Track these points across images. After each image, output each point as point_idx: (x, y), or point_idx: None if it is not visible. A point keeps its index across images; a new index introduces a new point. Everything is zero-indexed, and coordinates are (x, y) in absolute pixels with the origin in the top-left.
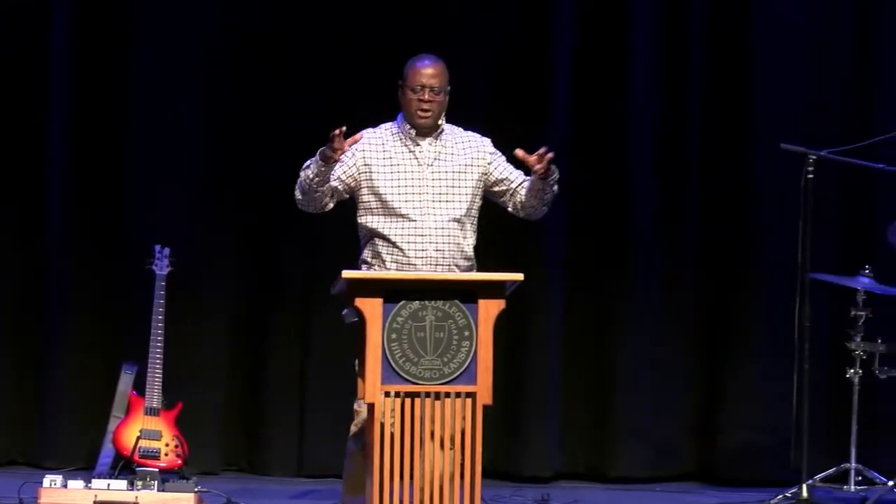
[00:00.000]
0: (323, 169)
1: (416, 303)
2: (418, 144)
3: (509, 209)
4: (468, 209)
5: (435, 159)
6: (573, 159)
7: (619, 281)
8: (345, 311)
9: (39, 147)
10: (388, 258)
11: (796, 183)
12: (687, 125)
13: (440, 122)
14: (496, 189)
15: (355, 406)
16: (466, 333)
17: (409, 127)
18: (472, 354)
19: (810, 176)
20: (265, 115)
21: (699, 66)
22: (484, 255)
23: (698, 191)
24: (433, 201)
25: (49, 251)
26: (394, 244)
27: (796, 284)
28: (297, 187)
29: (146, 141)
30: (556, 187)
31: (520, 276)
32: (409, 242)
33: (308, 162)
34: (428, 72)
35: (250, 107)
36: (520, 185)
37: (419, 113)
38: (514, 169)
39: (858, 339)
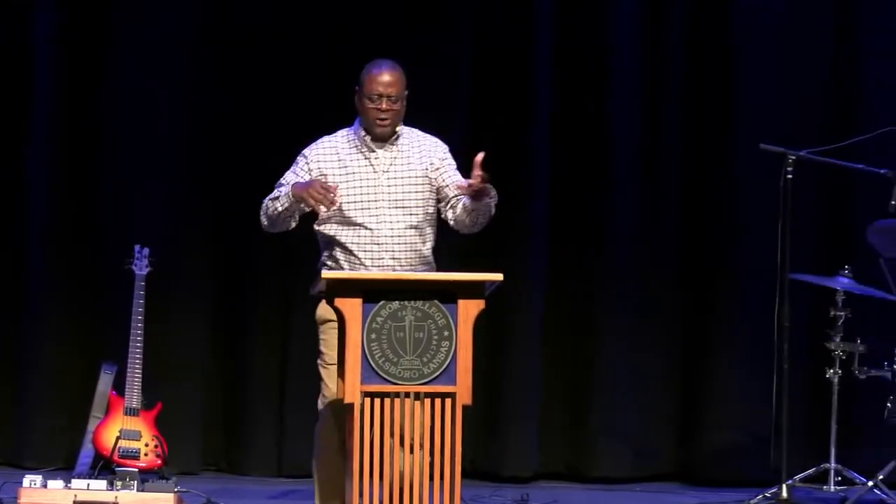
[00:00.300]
0: (294, 206)
1: (396, 303)
2: (374, 151)
3: (447, 218)
4: (426, 214)
5: (390, 166)
6: (554, 160)
7: (598, 281)
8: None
9: (18, 147)
10: (345, 265)
11: (776, 183)
12: (666, 126)
13: (398, 128)
14: (437, 196)
15: (320, 403)
16: (446, 333)
17: (364, 133)
18: (451, 355)
19: (789, 176)
20: (242, 115)
21: (678, 68)
22: (464, 256)
23: (678, 191)
24: (389, 209)
25: (27, 251)
26: (350, 252)
27: (775, 285)
28: (262, 215)
29: (124, 141)
30: (492, 210)
31: (499, 277)
32: (365, 251)
33: (276, 193)
34: (384, 80)
35: (227, 106)
36: (457, 197)
37: (377, 122)
38: (460, 180)
39: (838, 340)
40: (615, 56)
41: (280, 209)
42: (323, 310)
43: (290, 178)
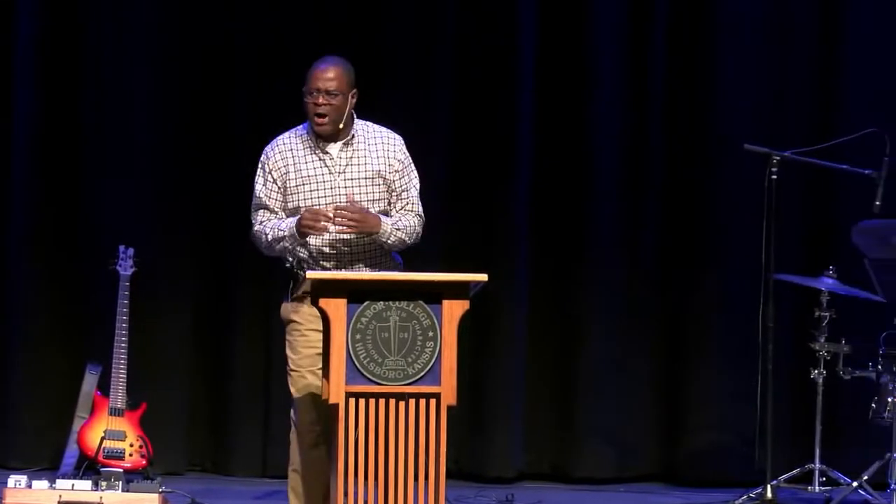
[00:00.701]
0: (300, 240)
1: (381, 303)
2: (327, 152)
3: None
4: (383, 212)
5: (346, 166)
6: (537, 162)
7: (582, 282)
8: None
9: (2, 146)
10: (305, 265)
11: (760, 184)
12: (649, 126)
13: (351, 126)
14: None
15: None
16: (431, 334)
17: (315, 134)
18: (436, 355)
19: (774, 177)
20: (225, 116)
21: (661, 69)
22: (449, 256)
23: (661, 192)
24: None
25: (10, 252)
26: (310, 252)
27: (760, 285)
28: (256, 243)
29: (107, 141)
30: (399, 240)
31: (484, 277)
32: (323, 252)
33: (276, 233)
34: (322, 74)
35: (209, 107)
36: (392, 206)
37: (316, 119)
38: (406, 187)
39: (822, 340)
40: (598, 57)
41: (289, 247)
42: (285, 310)
43: (261, 192)
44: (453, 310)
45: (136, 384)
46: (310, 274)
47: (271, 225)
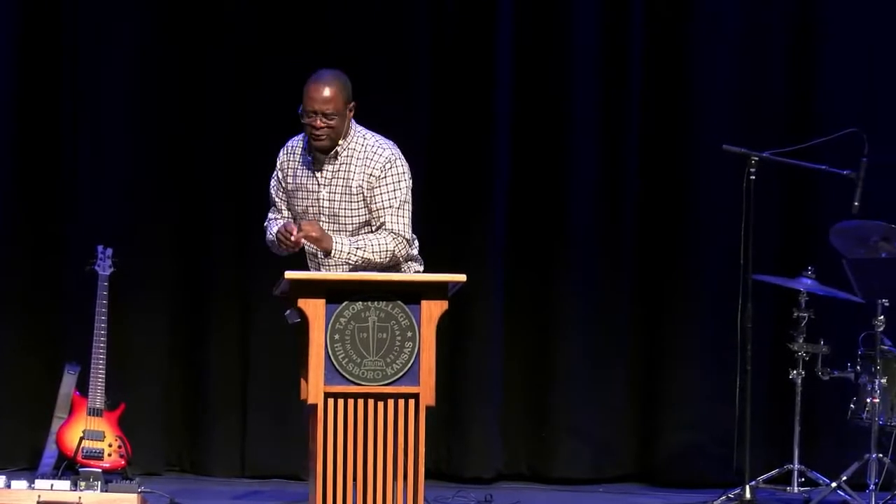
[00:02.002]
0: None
1: (359, 303)
2: (319, 163)
3: None
4: (360, 225)
5: (332, 180)
6: (514, 163)
7: (559, 283)
8: (287, 312)
9: None
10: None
11: (738, 184)
12: (627, 127)
13: (345, 138)
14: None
15: None
16: (409, 334)
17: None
18: (415, 355)
19: (752, 177)
20: (204, 117)
21: (637, 69)
22: (427, 257)
23: (638, 192)
24: (326, 222)
25: None
26: (305, 257)
27: (738, 286)
28: (267, 241)
29: (84, 141)
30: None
31: (462, 278)
32: (313, 258)
33: (268, 235)
34: (319, 96)
35: (189, 107)
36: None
37: (312, 137)
38: (382, 204)
39: (801, 341)
40: (576, 57)
41: (275, 252)
42: None
43: (272, 188)
44: (432, 310)
45: (115, 384)
46: (288, 274)
47: (270, 228)
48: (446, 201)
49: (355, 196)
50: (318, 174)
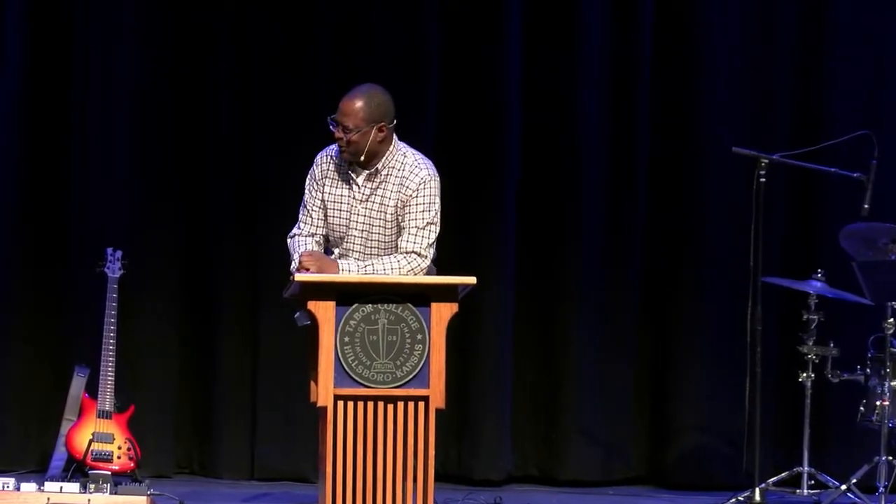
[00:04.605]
0: None
1: (369, 306)
2: (356, 178)
3: None
4: (391, 244)
5: (369, 197)
6: (524, 166)
7: (569, 285)
8: (297, 314)
9: None
10: None
11: (748, 186)
12: (637, 129)
13: (382, 156)
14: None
15: None
16: (419, 337)
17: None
18: (424, 358)
19: (762, 180)
20: (211, 118)
21: (648, 71)
22: (437, 259)
23: (648, 194)
24: (359, 237)
25: None
26: None
27: (747, 288)
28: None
29: (93, 143)
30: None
31: (472, 280)
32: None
33: (295, 246)
34: (342, 107)
35: (196, 109)
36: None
37: (341, 149)
38: (408, 224)
39: (811, 343)
40: (584, 58)
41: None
42: None
43: (307, 193)
44: (442, 313)
45: (125, 386)
46: (298, 276)
47: (296, 244)
48: (456, 204)
49: (389, 216)
50: (355, 189)
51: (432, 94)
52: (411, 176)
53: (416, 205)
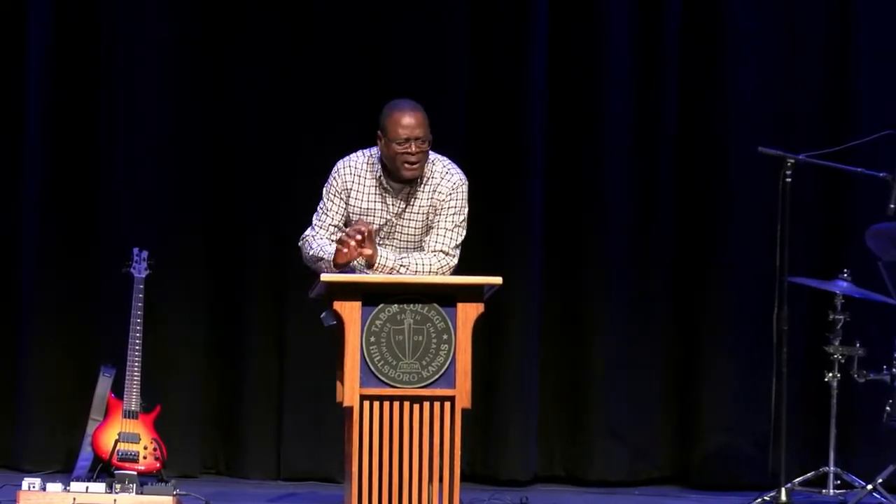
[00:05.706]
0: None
1: (395, 306)
2: (390, 189)
3: None
4: (420, 246)
5: (405, 210)
6: (549, 164)
7: (595, 285)
8: (323, 314)
9: (12, 150)
10: None
11: (774, 186)
12: (662, 129)
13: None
14: None
15: None
16: (445, 337)
17: (383, 174)
18: (450, 358)
19: (788, 180)
20: (237, 119)
21: (672, 70)
22: (463, 259)
23: (674, 194)
24: (395, 249)
25: (23, 252)
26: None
27: (774, 288)
28: (302, 247)
29: (120, 144)
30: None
31: (498, 280)
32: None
33: (318, 246)
34: (411, 122)
35: (223, 110)
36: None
37: (406, 167)
38: (439, 225)
39: (837, 343)
40: (611, 59)
41: (324, 268)
42: None
43: (326, 200)
44: (468, 312)
45: (151, 387)
46: (324, 276)
47: (319, 243)
48: (482, 203)
49: (423, 224)
50: (388, 199)
51: (462, 95)
52: (443, 182)
53: (448, 208)
